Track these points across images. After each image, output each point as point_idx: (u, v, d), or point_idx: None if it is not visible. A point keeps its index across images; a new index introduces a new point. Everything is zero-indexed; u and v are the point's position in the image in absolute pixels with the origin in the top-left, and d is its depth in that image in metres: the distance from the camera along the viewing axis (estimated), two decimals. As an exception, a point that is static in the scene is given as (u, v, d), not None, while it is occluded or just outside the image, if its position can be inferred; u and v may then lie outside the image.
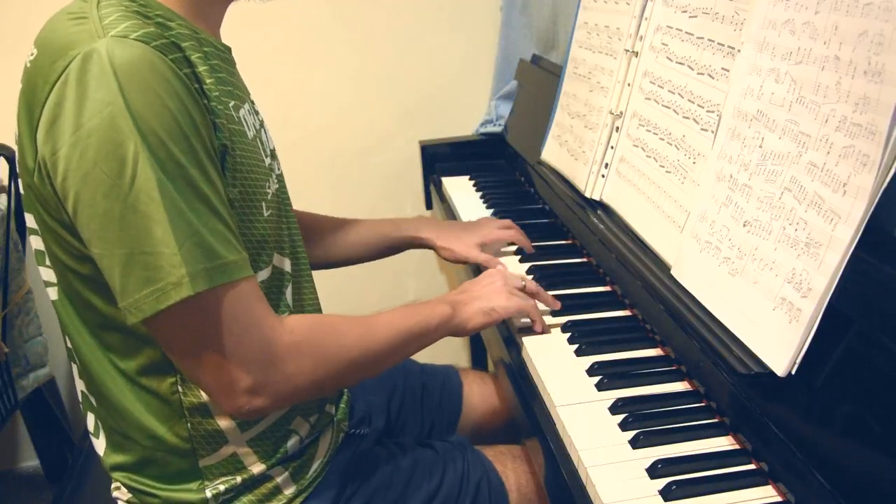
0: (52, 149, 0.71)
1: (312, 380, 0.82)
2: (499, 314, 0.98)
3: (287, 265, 0.92)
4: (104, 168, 0.69)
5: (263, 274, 0.87)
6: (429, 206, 1.85)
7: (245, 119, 0.85)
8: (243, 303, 0.75)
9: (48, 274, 0.85)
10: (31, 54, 0.78)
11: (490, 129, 1.82)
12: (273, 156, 0.95)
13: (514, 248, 1.29)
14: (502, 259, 1.24)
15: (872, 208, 0.65)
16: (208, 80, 0.78)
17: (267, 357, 0.77)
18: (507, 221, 1.30)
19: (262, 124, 0.94)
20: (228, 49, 0.89)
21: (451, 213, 1.56)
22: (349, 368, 0.86)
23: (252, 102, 0.92)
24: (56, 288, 0.85)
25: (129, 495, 0.92)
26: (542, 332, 1.02)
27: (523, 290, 1.03)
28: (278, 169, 0.96)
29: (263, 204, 0.86)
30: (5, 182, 1.57)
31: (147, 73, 0.71)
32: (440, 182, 1.71)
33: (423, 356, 1.30)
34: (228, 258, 0.74)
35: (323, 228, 1.21)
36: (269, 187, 0.88)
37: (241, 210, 0.82)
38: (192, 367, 0.77)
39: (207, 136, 0.75)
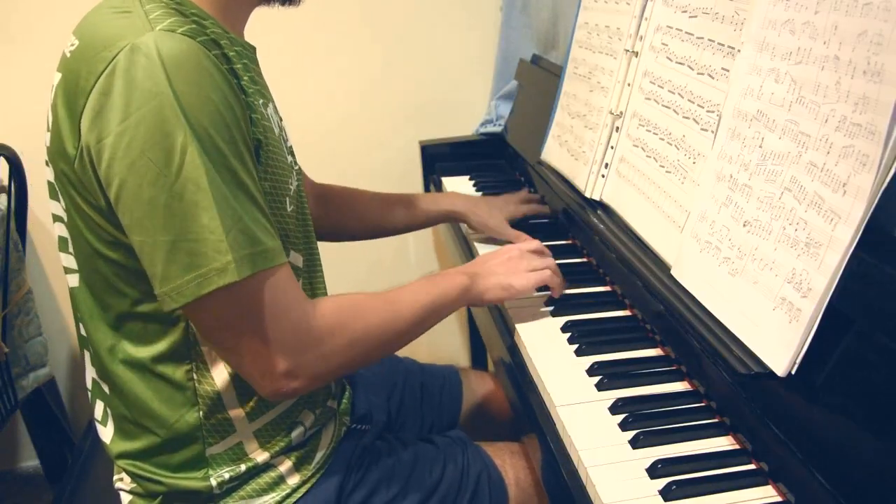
0: (97, 136, 0.73)
1: (343, 360, 0.85)
2: (517, 290, 1.01)
3: (300, 261, 0.94)
4: (151, 157, 0.71)
5: None
6: (429, 205, 1.85)
7: (272, 116, 0.88)
8: (281, 288, 0.78)
9: (69, 261, 0.87)
10: (72, 45, 0.79)
11: (490, 129, 1.82)
12: (292, 153, 0.97)
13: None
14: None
15: (872, 208, 0.65)
16: (244, 76, 0.81)
17: (303, 340, 0.80)
18: (525, 194, 1.41)
19: (282, 123, 0.96)
20: (254, 49, 0.92)
21: (451, 213, 1.56)
22: (377, 345, 0.89)
23: (274, 101, 0.94)
24: (77, 275, 0.87)
25: (133, 484, 0.92)
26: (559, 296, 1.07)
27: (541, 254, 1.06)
28: (296, 165, 0.98)
29: (287, 199, 0.88)
30: (5, 182, 1.57)
31: (193, 66, 0.73)
32: (440, 182, 1.71)
33: (423, 355, 1.30)
34: (268, 244, 0.77)
35: (363, 201, 1.27)
36: (291, 183, 0.90)
37: (270, 204, 0.84)
38: (230, 351, 0.79)
39: (246, 129, 0.78)
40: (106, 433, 0.94)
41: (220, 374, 0.86)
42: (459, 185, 1.65)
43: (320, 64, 1.83)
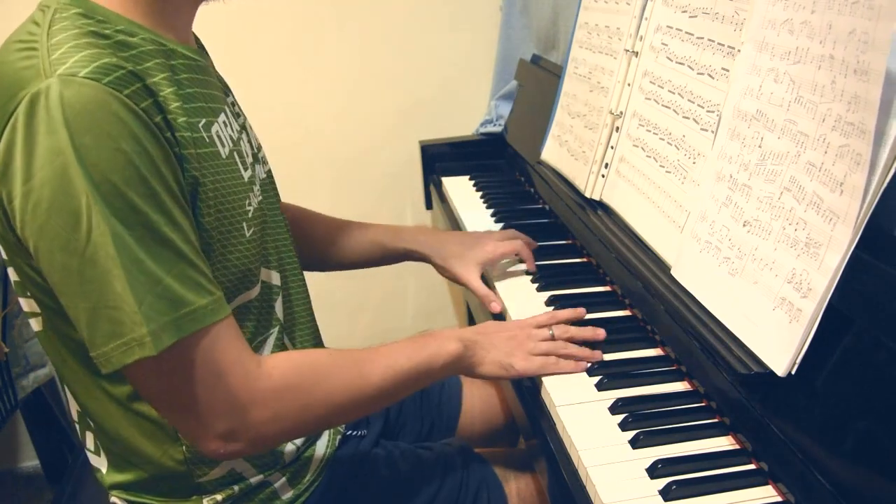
0: (7, 196, 0.69)
1: (296, 423, 0.79)
2: (517, 372, 0.92)
3: (275, 278, 0.91)
4: (58, 221, 0.66)
5: (253, 292, 0.86)
6: (429, 206, 1.85)
7: (219, 136, 0.81)
8: (217, 348, 0.73)
9: (30, 304, 0.81)
10: None
11: (490, 129, 1.82)
12: (256, 161, 0.91)
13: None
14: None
15: (872, 208, 0.65)
16: (173, 105, 0.74)
17: (241, 403, 0.74)
18: (512, 231, 1.24)
19: (242, 128, 0.90)
20: (202, 51, 0.85)
21: (450, 214, 1.56)
22: (338, 412, 0.82)
23: (231, 105, 0.89)
24: (39, 318, 0.81)
25: None
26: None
27: (552, 339, 0.95)
28: (263, 174, 0.93)
29: (244, 224, 0.83)
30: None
31: (98, 115, 0.66)
32: (440, 182, 1.71)
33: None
34: (197, 304, 0.70)
35: (320, 228, 1.19)
36: (249, 204, 0.84)
37: (220, 237, 0.79)
38: (166, 411, 0.76)
39: (171, 174, 0.71)
40: (101, 463, 0.91)
41: None
42: (459, 186, 1.65)
43: (320, 63, 1.82)
